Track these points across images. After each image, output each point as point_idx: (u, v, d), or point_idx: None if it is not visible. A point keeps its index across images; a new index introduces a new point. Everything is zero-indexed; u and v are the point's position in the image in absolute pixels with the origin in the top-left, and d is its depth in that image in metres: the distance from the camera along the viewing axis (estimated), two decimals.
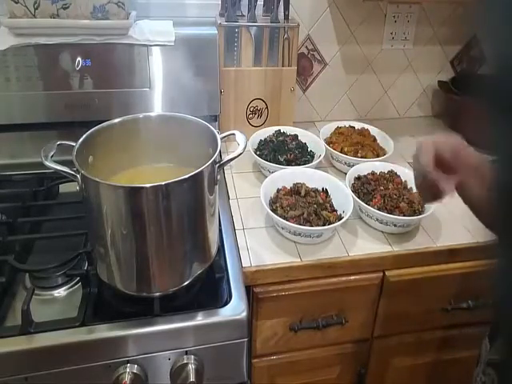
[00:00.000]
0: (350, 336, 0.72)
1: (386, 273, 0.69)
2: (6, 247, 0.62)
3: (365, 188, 0.74)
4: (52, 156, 0.55)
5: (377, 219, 0.69)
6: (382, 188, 0.74)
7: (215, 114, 0.93)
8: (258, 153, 0.84)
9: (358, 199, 0.71)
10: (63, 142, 0.57)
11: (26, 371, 0.50)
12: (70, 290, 0.59)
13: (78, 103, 0.84)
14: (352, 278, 0.68)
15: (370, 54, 1.06)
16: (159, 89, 0.88)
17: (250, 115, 0.98)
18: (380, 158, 0.83)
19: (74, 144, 0.55)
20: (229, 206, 0.75)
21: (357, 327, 0.72)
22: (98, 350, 0.51)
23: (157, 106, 0.89)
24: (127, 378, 0.50)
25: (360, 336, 0.74)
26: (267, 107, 0.98)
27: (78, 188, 0.55)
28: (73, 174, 0.53)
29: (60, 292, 0.59)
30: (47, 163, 0.53)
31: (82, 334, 0.51)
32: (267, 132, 0.91)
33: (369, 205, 0.70)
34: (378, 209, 0.69)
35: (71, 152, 0.53)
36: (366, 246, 0.68)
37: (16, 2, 0.81)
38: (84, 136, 0.57)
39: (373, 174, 0.78)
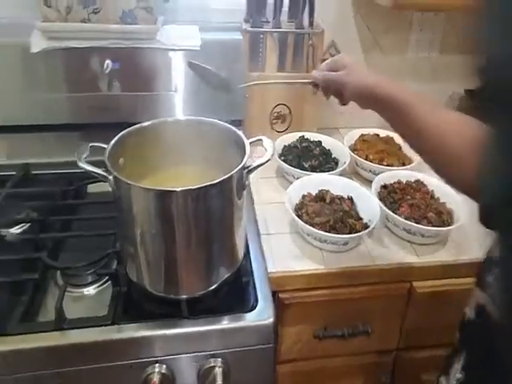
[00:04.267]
0: (375, 346, 0.71)
1: (414, 284, 0.68)
2: (39, 244, 0.63)
3: (391, 197, 0.73)
4: (85, 157, 0.56)
5: (404, 229, 0.68)
6: (408, 197, 0.73)
7: (239, 119, 0.93)
8: (282, 158, 0.84)
9: (385, 208, 0.70)
10: (95, 144, 0.58)
11: (58, 366, 0.51)
12: (99, 288, 0.60)
13: (106, 105, 0.86)
14: (378, 287, 0.67)
15: (394, 61, 1.05)
16: (184, 93, 0.89)
17: (274, 120, 0.98)
18: (406, 167, 0.82)
19: (105, 146, 0.56)
20: (253, 210, 0.76)
21: (382, 338, 0.71)
22: (127, 349, 0.52)
23: (181, 109, 0.90)
24: (156, 377, 0.51)
25: (385, 347, 0.73)
26: (291, 113, 0.98)
27: (110, 189, 0.56)
28: (105, 176, 0.54)
29: (89, 290, 0.60)
30: (81, 164, 0.54)
31: (112, 332, 0.52)
32: (291, 138, 0.91)
33: (395, 214, 0.69)
34: (406, 218, 0.69)
35: (101, 153, 0.54)
36: (392, 255, 0.68)
37: (49, 6, 0.84)
38: (115, 138, 0.58)
39: (399, 182, 0.77)
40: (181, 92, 0.89)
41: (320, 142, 0.90)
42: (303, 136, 0.91)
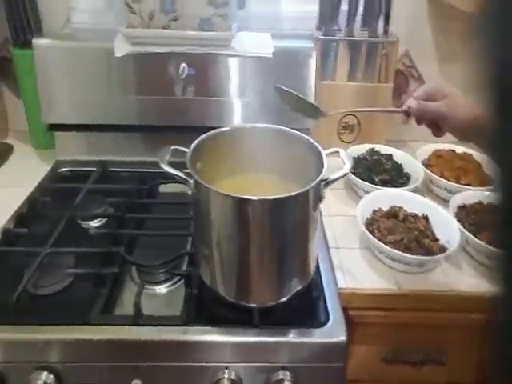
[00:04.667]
0: (449, 377, 0.67)
1: None
2: (118, 239, 0.66)
3: (471, 219, 0.69)
4: (168, 159, 0.58)
5: (487, 255, 0.64)
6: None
7: (307, 128, 0.92)
8: (351, 171, 0.82)
9: (464, 230, 0.66)
10: (177, 147, 0.60)
11: (134, 360, 0.53)
12: (171, 287, 0.62)
13: (179, 109, 0.89)
14: (455, 315, 0.62)
15: (472, 71, 0.99)
16: (254, 99, 0.90)
17: (341, 130, 0.96)
18: (489, 187, 0.77)
19: (186, 150, 0.58)
20: (321, 223, 0.74)
21: (458, 369, 0.66)
22: (198, 351, 0.53)
23: (251, 115, 0.91)
24: (226, 383, 0.51)
25: (460, 380, 0.68)
26: (359, 123, 0.95)
27: (181, 190, 0.57)
28: (185, 179, 0.55)
29: (161, 288, 0.62)
30: (163, 166, 0.56)
31: (186, 333, 0.53)
32: (360, 149, 0.88)
33: (476, 237, 0.65)
34: (489, 243, 0.64)
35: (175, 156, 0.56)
36: (473, 282, 0.63)
37: (133, 13, 0.88)
38: (195, 142, 0.59)
39: (480, 203, 0.72)
40: (250, 98, 0.90)
41: (391, 156, 0.86)
42: (373, 148, 0.88)
